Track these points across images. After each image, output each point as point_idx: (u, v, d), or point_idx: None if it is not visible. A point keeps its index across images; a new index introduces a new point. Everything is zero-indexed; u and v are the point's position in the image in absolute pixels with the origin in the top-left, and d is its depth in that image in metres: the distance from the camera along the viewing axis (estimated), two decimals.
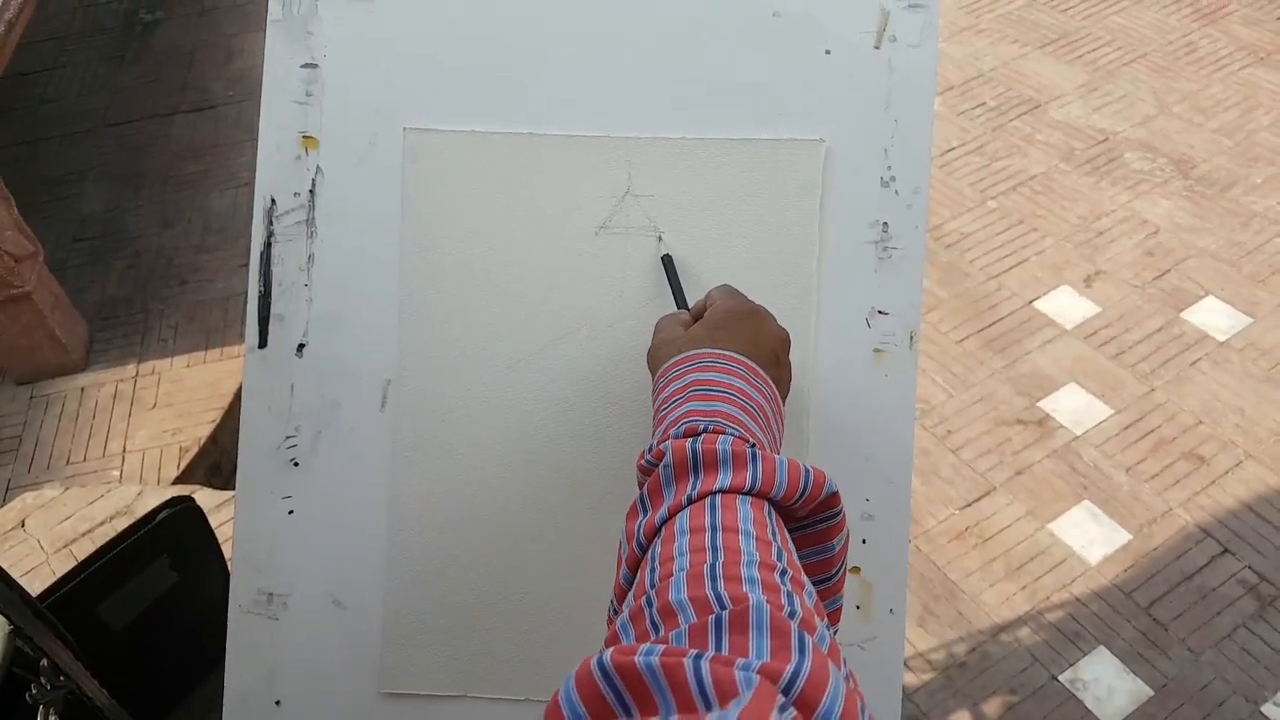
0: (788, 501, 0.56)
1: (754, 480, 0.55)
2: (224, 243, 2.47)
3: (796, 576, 0.50)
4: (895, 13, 0.82)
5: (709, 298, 0.74)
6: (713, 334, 0.68)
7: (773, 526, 0.54)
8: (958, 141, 2.71)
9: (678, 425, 0.60)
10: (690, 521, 0.53)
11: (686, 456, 0.57)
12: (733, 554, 0.50)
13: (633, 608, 0.49)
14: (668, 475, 0.58)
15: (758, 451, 0.57)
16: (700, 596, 0.46)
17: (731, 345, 0.66)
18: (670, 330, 0.72)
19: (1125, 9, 3.11)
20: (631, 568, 0.56)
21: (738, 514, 0.53)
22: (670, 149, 0.84)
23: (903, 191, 0.82)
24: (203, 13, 3.38)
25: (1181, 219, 2.43)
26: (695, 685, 0.38)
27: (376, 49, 0.86)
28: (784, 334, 0.71)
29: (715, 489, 0.55)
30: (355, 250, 0.86)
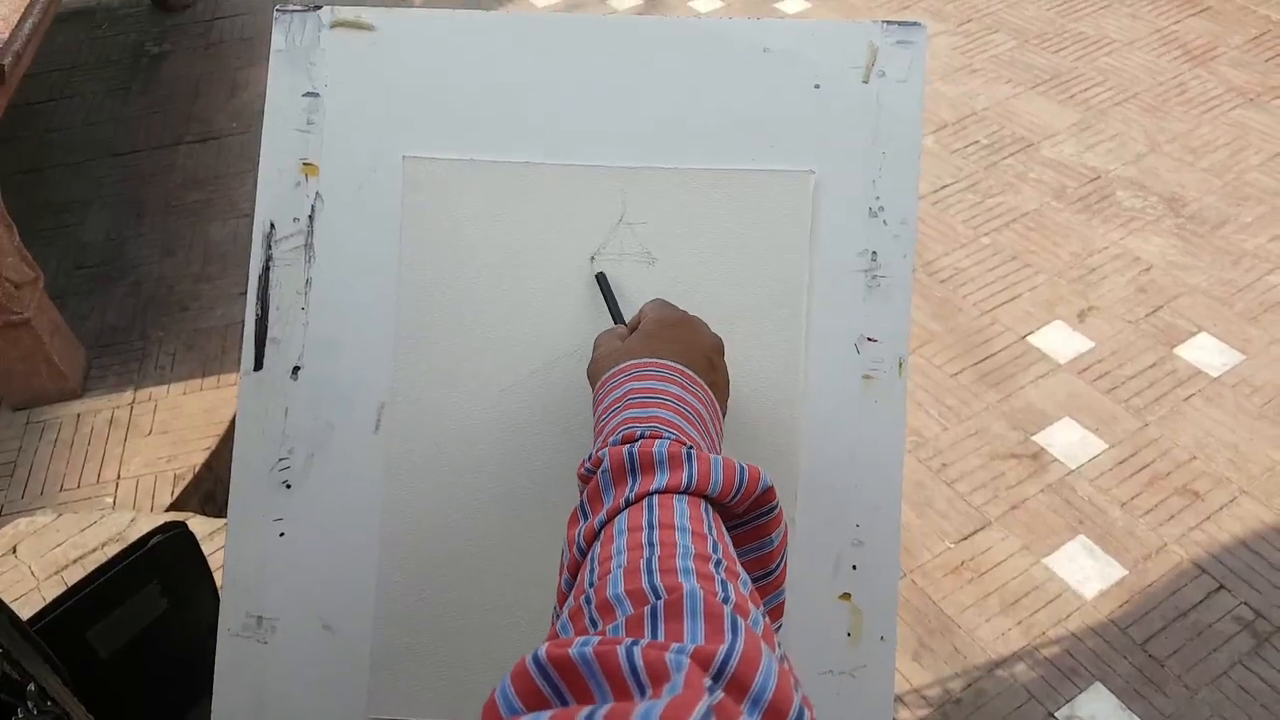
0: (724, 499, 0.58)
1: (690, 479, 0.57)
2: (224, 271, 2.48)
3: (731, 567, 0.51)
4: (884, 48, 0.84)
5: (641, 311, 0.76)
6: (647, 344, 0.70)
7: (709, 522, 0.55)
8: (951, 178, 2.74)
9: (615, 433, 0.62)
10: (628, 522, 0.55)
11: (624, 461, 0.59)
12: (669, 548, 0.51)
13: (573, 607, 0.50)
14: (606, 480, 0.59)
15: (694, 452, 0.58)
16: (637, 589, 0.47)
17: (665, 353, 0.68)
18: (608, 344, 0.74)
19: (1116, 50, 3.16)
20: (572, 572, 0.57)
21: (674, 511, 0.55)
22: (663, 178, 0.86)
23: (890, 222, 0.84)
24: (209, 46, 3.43)
25: (1173, 256, 2.45)
26: (629, 671, 0.39)
27: (377, 79, 0.88)
28: (716, 340, 0.74)
29: (652, 489, 0.56)
30: (352, 275, 0.87)
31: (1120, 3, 3.38)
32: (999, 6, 3.43)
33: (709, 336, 0.74)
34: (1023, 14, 3.38)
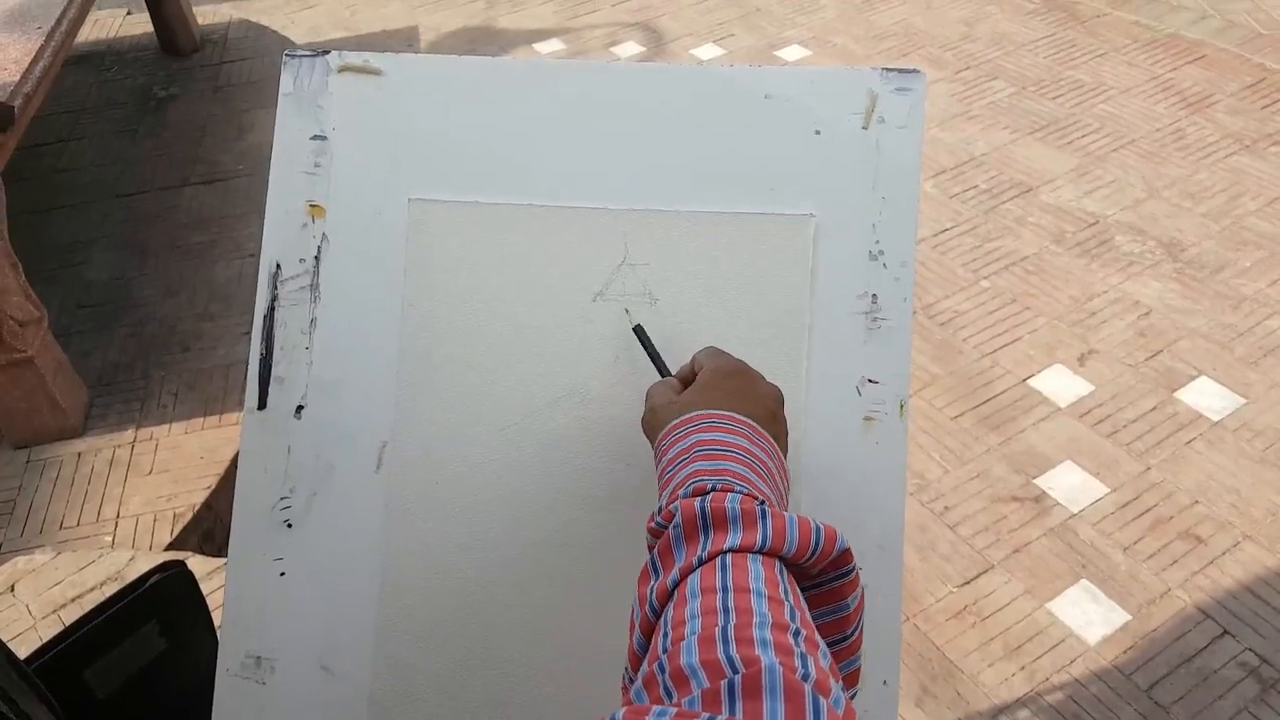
0: (799, 560, 0.56)
1: (764, 539, 0.55)
2: (227, 311, 2.49)
3: (810, 637, 0.49)
4: (883, 95, 0.86)
5: (695, 361, 0.75)
6: (708, 395, 0.68)
7: (785, 586, 0.53)
8: (950, 223, 2.77)
9: (685, 485, 0.60)
10: (702, 583, 0.53)
11: (695, 516, 0.57)
12: (745, 615, 0.49)
13: (646, 674, 0.48)
14: (677, 536, 0.58)
15: (767, 509, 0.57)
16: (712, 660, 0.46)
17: (727, 405, 0.67)
18: (663, 396, 0.72)
19: (1113, 98, 3.20)
20: (645, 633, 0.55)
21: (749, 573, 0.53)
22: (666, 221, 0.87)
23: (891, 265, 0.85)
24: (215, 89, 3.48)
25: (1172, 301, 2.46)
26: None
27: (384, 123, 0.89)
28: (776, 390, 0.72)
29: (726, 548, 0.55)
30: (357, 315, 0.88)
31: (1116, 51, 3.44)
32: (996, 54, 3.48)
33: (768, 386, 0.72)
34: (1020, 62, 3.43)
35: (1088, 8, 3.71)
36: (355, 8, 4.17)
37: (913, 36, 3.63)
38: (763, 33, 3.75)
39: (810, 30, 3.73)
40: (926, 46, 3.57)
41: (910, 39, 3.62)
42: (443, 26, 3.99)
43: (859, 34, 3.68)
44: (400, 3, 4.19)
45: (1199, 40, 3.45)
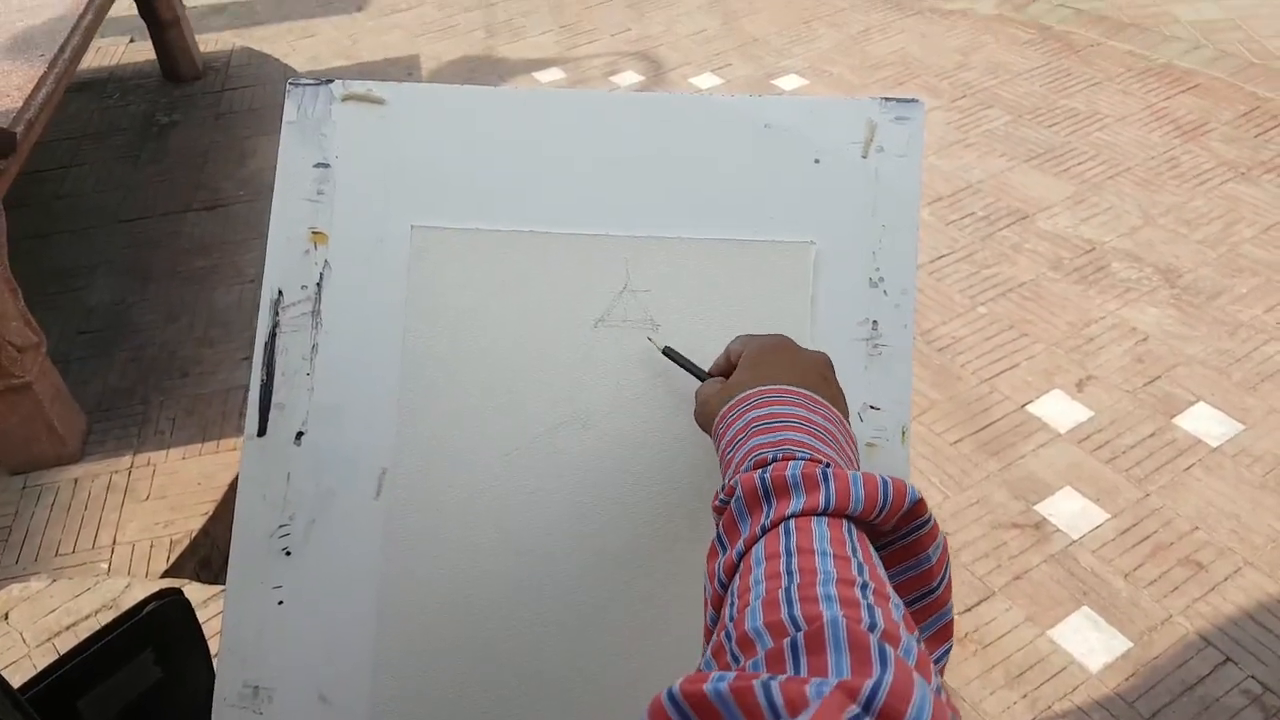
0: (868, 516, 0.54)
1: (828, 500, 0.54)
2: (227, 336, 2.50)
3: (880, 590, 0.48)
4: (882, 125, 0.86)
5: (730, 351, 0.74)
6: (756, 373, 0.68)
7: (852, 543, 0.52)
8: (947, 249, 2.78)
9: (746, 461, 0.60)
10: (766, 550, 0.53)
11: (756, 487, 0.56)
12: (809, 575, 0.48)
13: (714, 644, 0.48)
14: (740, 509, 0.57)
15: (829, 471, 0.56)
16: (776, 621, 0.45)
17: (777, 378, 0.66)
18: (710, 387, 0.72)
19: (1108, 126, 3.22)
20: (715, 607, 0.55)
21: (813, 535, 0.52)
22: (667, 247, 0.87)
23: (891, 291, 0.85)
24: (218, 116, 3.50)
25: (1170, 327, 2.47)
26: (766, 706, 0.37)
27: (387, 150, 0.90)
28: (822, 355, 0.71)
29: (788, 514, 0.54)
30: (358, 341, 0.88)
31: (1111, 80, 3.47)
32: (992, 83, 3.51)
33: (812, 353, 0.71)
34: (1015, 90, 3.46)
35: (1082, 37, 3.74)
36: (356, 36, 4.21)
37: (909, 66, 3.67)
38: (760, 62, 3.79)
39: (807, 60, 3.77)
40: (923, 75, 3.60)
41: (906, 68, 3.66)
42: (443, 55, 4.02)
43: (855, 63, 3.72)
44: (401, 31, 4.23)
45: (1192, 69, 3.48)
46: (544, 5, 4.37)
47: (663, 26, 4.09)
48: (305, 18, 4.43)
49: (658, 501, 0.84)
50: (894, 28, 3.93)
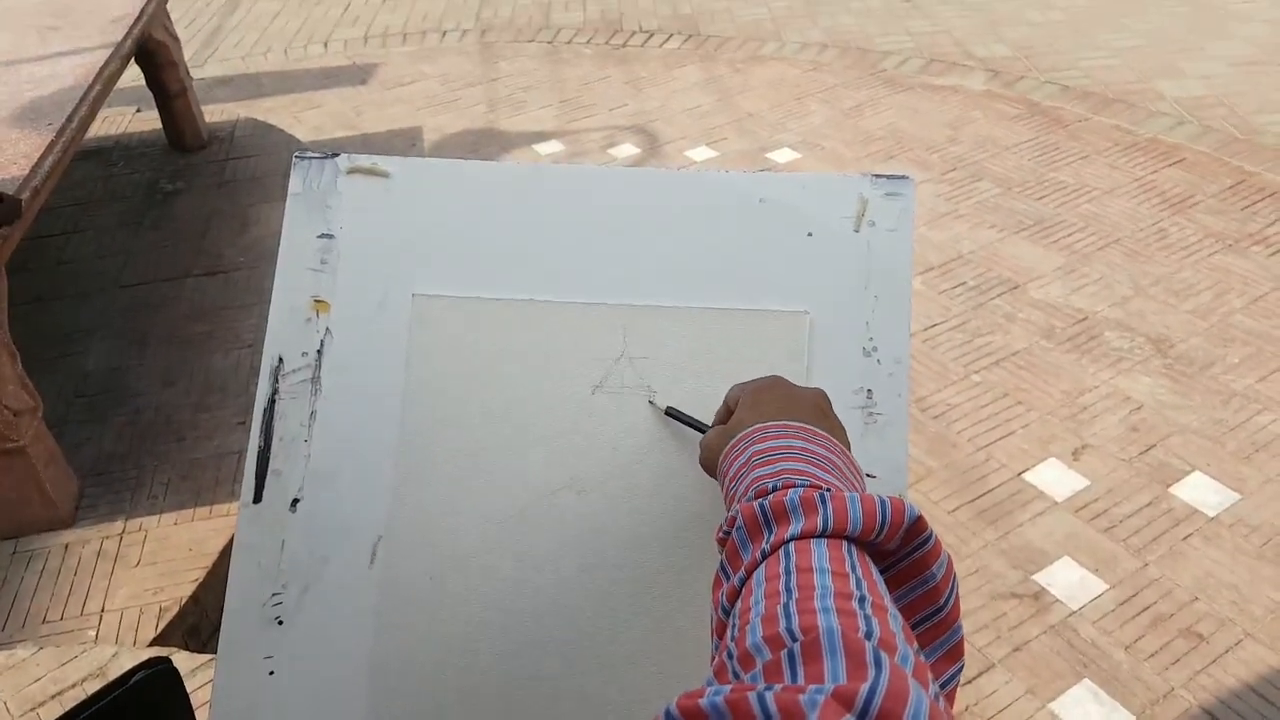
0: (868, 536, 0.55)
1: (826, 521, 0.55)
2: (223, 401, 2.50)
3: (878, 602, 0.49)
4: (874, 200, 0.89)
5: (729, 399, 0.76)
6: (754, 412, 0.70)
7: (851, 561, 0.53)
8: (940, 318, 2.81)
9: (748, 493, 0.61)
10: (766, 572, 0.54)
11: (756, 515, 0.58)
12: (807, 590, 0.49)
13: (717, 665, 0.49)
14: (742, 538, 0.58)
15: (827, 494, 0.57)
16: (774, 635, 0.46)
17: (776, 415, 0.68)
18: (712, 432, 0.74)
19: (1097, 198, 3.28)
20: (719, 635, 0.56)
21: (812, 555, 0.53)
22: (663, 316, 0.89)
23: (884, 361, 0.86)
24: (221, 184, 3.55)
25: (1163, 396, 2.49)
26: (761, 716, 0.37)
27: (390, 221, 0.92)
28: (818, 390, 0.73)
29: (788, 537, 0.55)
30: (356, 408, 0.89)
31: (1098, 154, 3.54)
32: (981, 156, 3.58)
33: (808, 389, 0.73)
34: (1004, 164, 3.53)
35: (1069, 113, 3.83)
36: (361, 108, 4.29)
37: (900, 140, 3.75)
38: (754, 136, 3.86)
39: (800, 134, 3.85)
40: (913, 149, 3.68)
41: (898, 142, 3.73)
42: (446, 128, 4.10)
43: (848, 137, 3.80)
44: (405, 105, 4.32)
45: (1178, 144, 3.56)
46: (544, 81, 4.48)
47: (659, 102, 4.18)
48: (310, 90, 4.52)
49: (657, 566, 0.84)
50: (884, 104, 4.02)
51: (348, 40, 5.09)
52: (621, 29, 4.94)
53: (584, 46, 4.81)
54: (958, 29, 4.66)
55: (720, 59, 4.56)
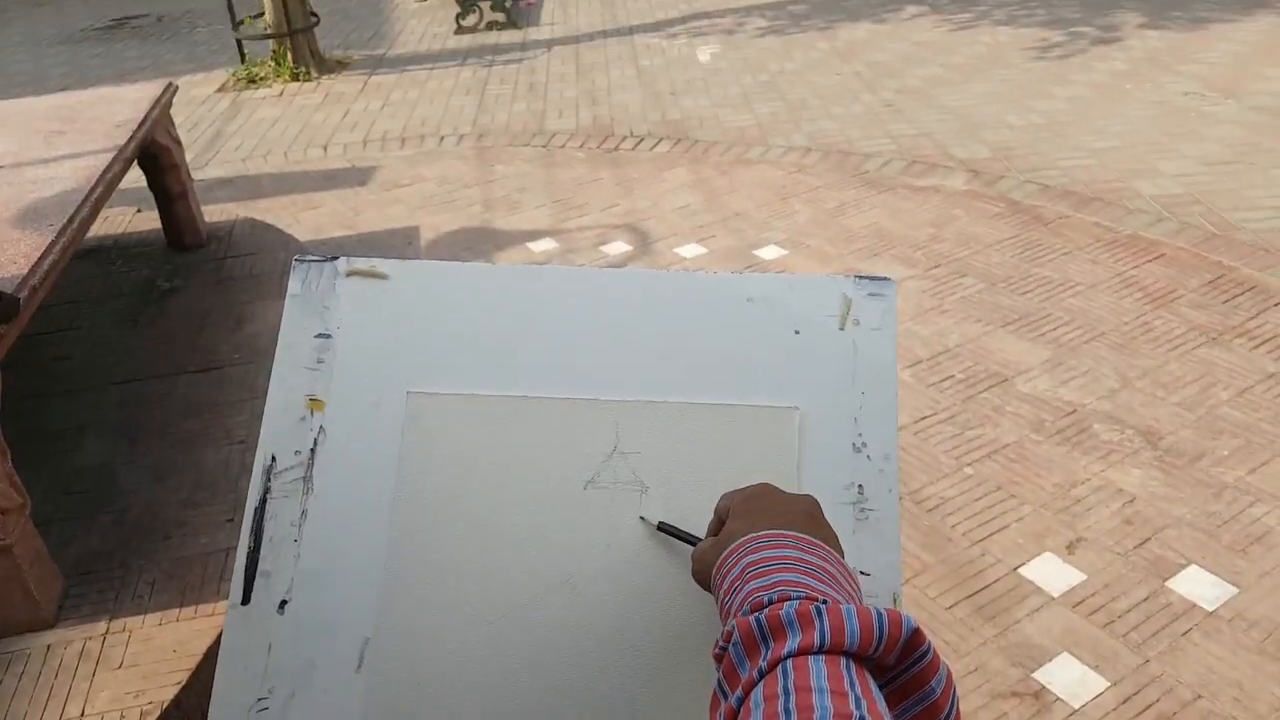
0: (866, 650, 0.55)
1: (823, 636, 0.54)
2: (212, 498, 2.48)
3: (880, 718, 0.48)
4: (857, 300, 0.91)
5: (718, 510, 0.76)
6: (745, 521, 0.70)
7: (850, 678, 0.52)
8: (929, 411, 2.82)
9: (743, 606, 0.61)
10: (765, 691, 0.53)
11: (753, 630, 0.57)
12: (806, 713, 0.49)
13: None
14: (738, 654, 0.57)
15: (823, 607, 0.56)
16: None
17: (766, 524, 0.68)
18: (704, 544, 0.74)
19: (1081, 292, 3.34)
20: None
21: (810, 673, 0.52)
22: (655, 411, 0.90)
23: (874, 457, 0.87)
24: (218, 282, 3.60)
25: (1155, 489, 2.49)
26: None
27: (387, 322, 0.93)
28: (808, 497, 0.73)
29: (785, 654, 0.54)
30: (347, 507, 0.89)
31: (1080, 250, 3.62)
32: (965, 253, 3.66)
33: (798, 496, 0.73)
34: (988, 260, 3.60)
35: (1050, 211, 3.94)
36: (359, 209, 4.38)
37: (884, 238, 3.83)
38: (741, 234, 3.95)
39: (786, 232, 3.93)
40: (897, 247, 3.76)
41: (881, 240, 3.82)
42: (442, 227, 4.18)
43: (832, 235, 3.88)
44: (402, 205, 4.41)
45: (1157, 240, 3.65)
46: (538, 182, 4.59)
47: (649, 202, 4.29)
48: (310, 191, 4.62)
49: (652, 665, 0.83)
50: (867, 203, 4.13)
51: (347, 145, 5.23)
52: (613, 134, 5.10)
53: (577, 150, 4.94)
54: (938, 132, 4.82)
55: (708, 162, 4.69)
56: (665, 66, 6.12)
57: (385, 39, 7.26)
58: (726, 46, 6.46)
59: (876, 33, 6.53)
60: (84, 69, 7.10)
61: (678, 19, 7.19)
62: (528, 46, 6.80)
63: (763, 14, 7.16)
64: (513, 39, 6.99)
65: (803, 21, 6.91)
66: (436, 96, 5.88)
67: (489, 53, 6.69)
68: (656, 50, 6.48)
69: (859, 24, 6.75)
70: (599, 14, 7.50)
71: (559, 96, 5.73)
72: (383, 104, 5.83)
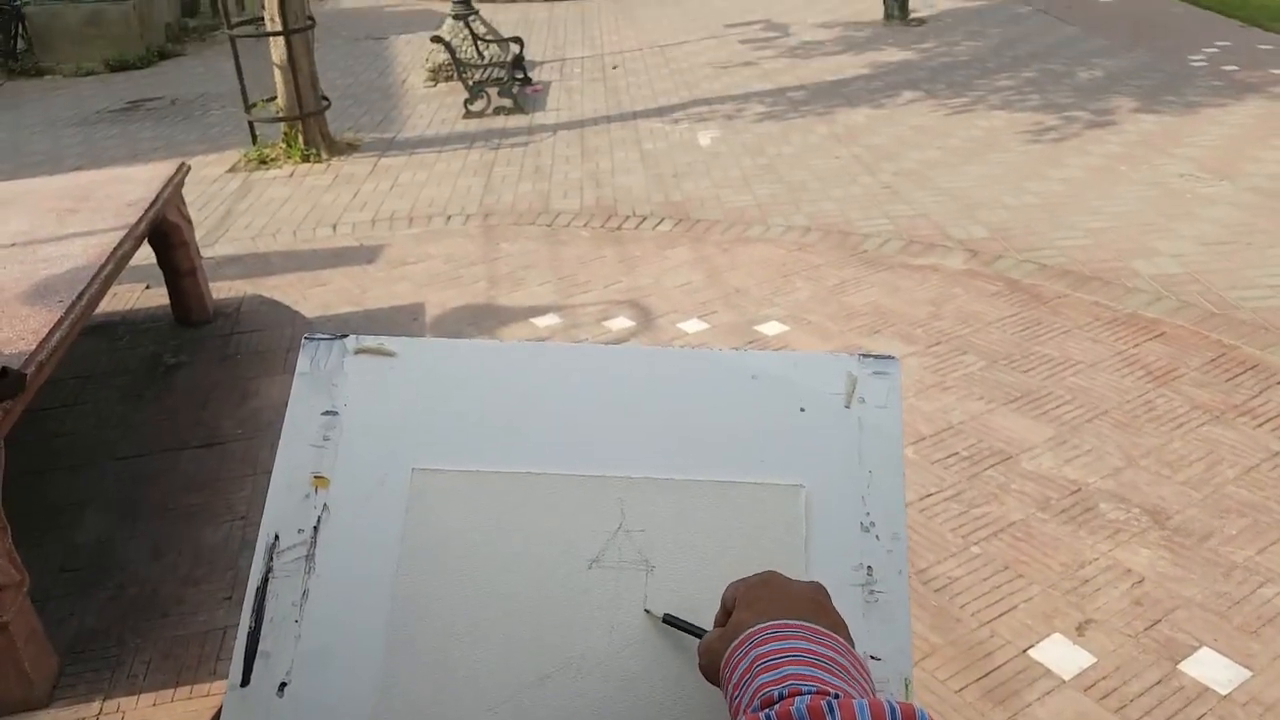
0: None
1: None
2: (212, 575, 2.46)
3: None
4: (862, 378, 0.92)
5: (724, 600, 0.75)
6: (753, 612, 0.69)
7: None
8: (935, 488, 2.81)
9: (753, 703, 0.60)
10: None
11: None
12: None
13: None
14: None
15: (835, 703, 0.55)
16: None
17: (774, 614, 0.67)
18: (711, 635, 0.73)
19: (1082, 371, 3.36)
20: None
21: None
22: (660, 488, 0.90)
23: (883, 537, 0.87)
24: (224, 358, 3.62)
25: (1164, 569, 2.46)
26: None
27: (394, 399, 0.94)
28: (814, 584, 0.73)
29: None
30: (350, 586, 0.88)
31: (1080, 329, 3.65)
32: (965, 331, 3.69)
33: (805, 584, 0.72)
34: (988, 338, 3.62)
35: (1049, 290, 3.97)
36: (366, 286, 4.43)
37: (883, 315, 3.86)
38: (743, 311, 3.98)
39: (787, 309, 3.97)
40: (897, 324, 3.79)
41: (881, 317, 3.85)
42: (448, 303, 4.22)
43: (832, 312, 3.91)
44: (409, 282, 4.46)
45: (1157, 319, 3.68)
46: (543, 260, 4.65)
47: (652, 279, 4.34)
48: (318, 268, 4.68)
49: None
50: (866, 281, 4.17)
51: (356, 224, 5.32)
52: (616, 213, 5.18)
53: (581, 229, 5.02)
54: (935, 213, 4.89)
55: (709, 240, 4.75)
56: (667, 150, 6.25)
57: (395, 123, 7.43)
58: (726, 131, 6.60)
59: (874, 118, 6.68)
60: (99, 149, 7.26)
61: (679, 105, 7.37)
62: (534, 130, 6.96)
63: (761, 100, 7.34)
64: (519, 123, 7.16)
65: (801, 107, 7.08)
66: (444, 178, 5.99)
67: (496, 136, 6.85)
68: (659, 134, 6.63)
69: (856, 109, 6.91)
70: (603, 100, 7.69)
71: (564, 178, 5.84)
72: (392, 184, 5.94)
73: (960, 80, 7.45)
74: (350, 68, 9.52)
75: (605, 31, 10.47)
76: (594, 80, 8.32)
